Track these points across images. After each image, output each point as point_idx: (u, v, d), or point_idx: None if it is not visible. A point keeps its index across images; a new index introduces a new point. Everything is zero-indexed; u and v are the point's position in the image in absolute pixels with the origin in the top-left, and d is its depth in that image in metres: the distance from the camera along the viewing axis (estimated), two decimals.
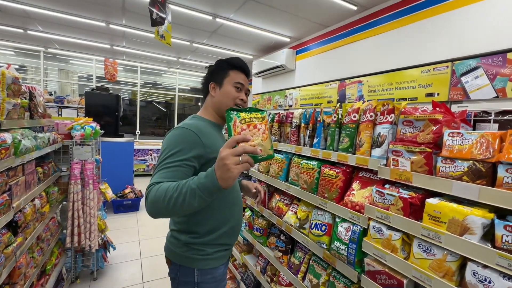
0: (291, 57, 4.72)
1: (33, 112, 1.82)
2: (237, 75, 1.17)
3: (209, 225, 1.07)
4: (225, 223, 1.09)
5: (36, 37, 5.39)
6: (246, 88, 1.19)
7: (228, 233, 1.11)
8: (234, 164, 0.69)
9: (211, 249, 1.07)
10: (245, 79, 1.19)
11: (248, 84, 1.21)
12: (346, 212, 1.17)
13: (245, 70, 1.20)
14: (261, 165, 1.93)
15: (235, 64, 1.19)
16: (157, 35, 2.90)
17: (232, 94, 1.13)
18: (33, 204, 1.70)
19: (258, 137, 0.76)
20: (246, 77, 1.20)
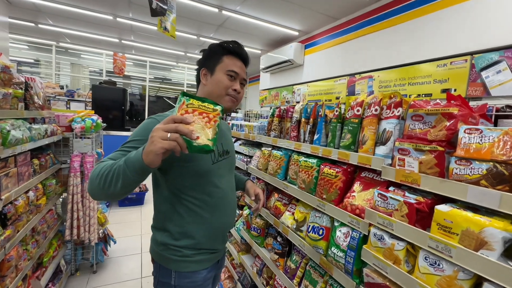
0: (299, 51, 4.57)
1: (28, 103, 1.79)
2: (232, 61, 1.03)
3: (185, 227, 0.97)
4: (205, 226, 0.99)
5: (47, 31, 5.47)
6: (242, 77, 1.06)
7: (211, 238, 1.01)
8: (159, 138, 0.64)
9: (190, 251, 0.98)
10: (242, 66, 1.06)
11: (246, 73, 1.08)
12: (345, 215, 1.06)
13: (241, 56, 1.07)
14: (259, 162, 1.83)
15: (230, 49, 1.04)
16: (160, 27, 2.84)
17: (224, 83, 1.00)
18: (27, 196, 1.67)
19: (199, 124, 0.69)
20: (243, 64, 1.08)
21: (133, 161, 0.70)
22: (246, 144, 2.25)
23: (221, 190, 1.03)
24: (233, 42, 1.07)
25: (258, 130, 2.01)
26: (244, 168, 2.08)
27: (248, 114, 3.01)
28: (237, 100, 1.07)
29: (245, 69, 1.08)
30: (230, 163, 1.13)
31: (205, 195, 0.99)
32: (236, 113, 3.03)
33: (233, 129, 2.51)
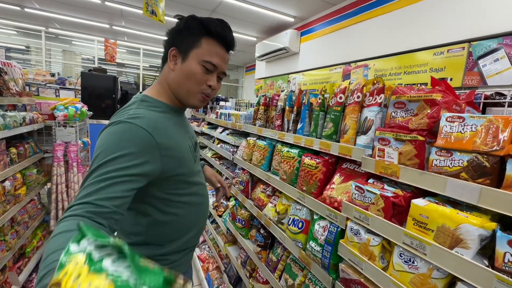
0: (295, 39, 4.44)
1: (2, 89, 1.70)
2: (212, 48, 0.80)
3: (173, 234, 0.87)
4: (191, 228, 0.91)
5: (35, 15, 5.27)
6: (222, 70, 0.84)
7: (195, 236, 0.94)
8: None
9: (177, 256, 0.90)
10: (224, 55, 0.83)
11: (227, 63, 0.86)
12: (324, 208, 1.01)
13: (226, 41, 0.82)
14: (244, 153, 1.77)
15: (212, 30, 0.79)
16: (145, 10, 2.71)
17: (197, 76, 0.79)
18: (2, 186, 1.62)
19: None
20: (226, 52, 0.84)
21: None
22: (233, 134, 2.18)
23: (201, 186, 0.94)
24: (218, 20, 0.83)
25: (244, 119, 1.94)
26: (230, 158, 2.02)
27: (239, 103, 2.93)
28: (209, 97, 0.86)
29: (227, 58, 0.85)
30: (200, 155, 1.05)
31: (190, 196, 0.88)
32: (226, 101, 2.95)
33: (221, 118, 2.44)
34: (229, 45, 0.85)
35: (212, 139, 2.66)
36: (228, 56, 0.86)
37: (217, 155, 2.59)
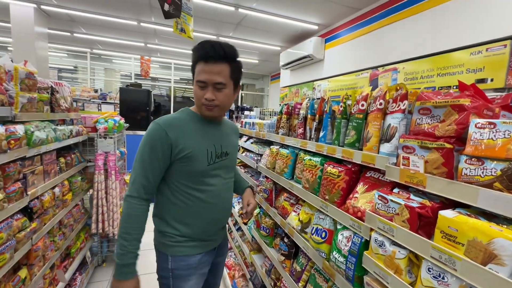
0: (319, 46, 4.42)
1: (54, 106, 1.94)
2: (201, 68, 0.98)
3: (178, 217, 1.07)
4: (196, 220, 1.08)
5: (82, 39, 5.91)
6: (213, 83, 0.97)
7: (201, 230, 1.10)
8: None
9: (182, 238, 1.07)
10: (211, 70, 0.96)
11: (219, 73, 0.97)
12: (347, 218, 0.99)
13: (207, 56, 0.96)
14: (268, 161, 1.79)
15: (198, 55, 0.98)
16: (175, 29, 2.91)
17: (197, 94, 1.02)
18: (53, 192, 1.81)
19: None
20: (214, 64, 0.96)
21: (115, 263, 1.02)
22: (257, 143, 2.22)
23: (214, 188, 1.09)
24: (201, 43, 0.99)
25: (268, 128, 1.97)
26: (254, 167, 2.05)
27: (263, 112, 2.98)
28: (214, 106, 1.02)
29: (216, 69, 0.96)
30: (228, 164, 1.17)
31: (198, 192, 1.06)
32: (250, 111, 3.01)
33: (245, 127, 2.50)
34: (213, 57, 0.96)
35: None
36: (220, 65, 0.98)
37: (242, 163, 2.64)
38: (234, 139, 1.26)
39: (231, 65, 1.01)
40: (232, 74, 1.02)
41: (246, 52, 6.29)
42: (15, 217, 1.40)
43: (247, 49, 5.99)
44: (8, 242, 1.30)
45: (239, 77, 1.09)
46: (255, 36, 5.10)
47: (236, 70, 1.05)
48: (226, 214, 1.19)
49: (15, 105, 1.44)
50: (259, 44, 5.55)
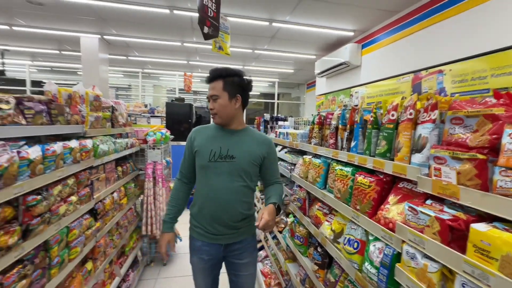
0: (355, 52, 4.32)
1: (114, 122, 2.26)
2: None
3: (194, 202, 1.41)
4: (201, 209, 1.36)
5: (135, 61, 6.69)
6: (209, 95, 1.34)
7: (202, 219, 1.36)
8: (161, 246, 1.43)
9: (193, 222, 1.41)
10: (210, 88, 1.33)
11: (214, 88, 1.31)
12: (378, 229, 0.98)
13: (207, 80, 1.36)
14: (301, 170, 1.83)
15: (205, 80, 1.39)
16: (214, 47, 3.16)
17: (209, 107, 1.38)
18: (112, 197, 2.10)
19: None
20: (211, 83, 1.33)
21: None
22: (291, 152, 2.27)
23: (216, 187, 1.31)
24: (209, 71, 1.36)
25: (301, 137, 2.01)
26: (288, 176, 2.10)
27: (297, 122, 3.01)
28: (214, 114, 1.34)
29: (212, 86, 1.32)
30: (233, 168, 1.33)
31: (204, 186, 1.35)
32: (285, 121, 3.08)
33: (279, 137, 2.57)
34: (210, 78, 1.34)
35: None
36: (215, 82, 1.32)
37: None
38: (252, 148, 1.36)
39: (224, 80, 1.30)
40: (225, 87, 1.31)
41: (281, 62, 6.42)
42: (84, 217, 1.67)
43: (282, 59, 6.12)
44: (79, 238, 1.56)
45: (236, 90, 1.33)
46: (289, 46, 5.20)
47: (230, 84, 1.31)
48: (228, 215, 1.32)
49: (85, 123, 1.74)
50: (293, 54, 5.63)
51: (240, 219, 1.35)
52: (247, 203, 1.39)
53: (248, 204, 1.40)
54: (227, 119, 1.35)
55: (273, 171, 1.46)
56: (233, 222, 1.35)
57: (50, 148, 1.26)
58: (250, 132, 1.43)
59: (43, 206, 1.19)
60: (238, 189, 1.33)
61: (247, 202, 1.39)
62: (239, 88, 1.34)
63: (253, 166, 1.36)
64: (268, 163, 1.42)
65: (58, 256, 1.35)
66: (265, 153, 1.39)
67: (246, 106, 1.41)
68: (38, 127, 1.25)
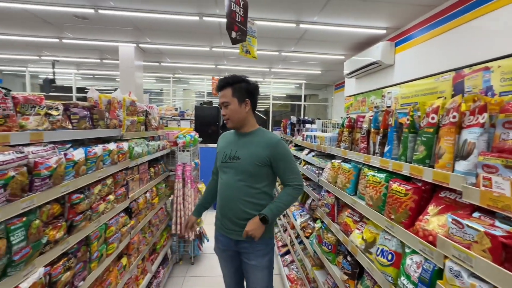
0: (388, 50, 4.11)
1: (147, 125, 2.39)
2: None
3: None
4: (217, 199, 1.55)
5: (167, 67, 7.03)
6: (221, 102, 1.44)
7: (218, 209, 1.53)
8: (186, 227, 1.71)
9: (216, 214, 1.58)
10: (220, 96, 1.44)
11: (224, 95, 1.41)
12: (416, 242, 0.91)
13: (217, 89, 1.46)
14: (329, 175, 1.77)
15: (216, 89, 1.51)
16: (241, 51, 3.20)
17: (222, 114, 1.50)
18: (145, 196, 2.21)
19: None
20: (220, 91, 1.44)
21: None
22: (318, 156, 2.21)
23: (223, 182, 1.48)
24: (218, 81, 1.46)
25: (329, 141, 1.95)
26: (315, 180, 2.04)
27: (325, 125, 2.93)
28: (227, 119, 1.45)
29: (222, 94, 1.43)
30: (237, 167, 1.42)
31: (218, 182, 1.53)
32: (312, 124, 3.01)
33: (306, 140, 2.52)
34: (219, 87, 1.44)
35: (298, 160, 2.76)
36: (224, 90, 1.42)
37: (303, 176, 2.65)
38: (257, 150, 1.42)
39: (232, 87, 1.40)
40: (234, 93, 1.40)
41: (308, 63, 6.32)
42: (120, 215, 1.78)
43: (309, 60, 6.02)
44: (116, 235, 1.66)
45: (244, 95, 1.42)
46: (316, 47, 5.10)
47: (238, 90, 1.41)
48: (232, 212, 1.44)
49: (122, 127, 1.86)
50: (321, 55, 5.51)
51: (244, 217, 1.42)
52: (252, 204, 1.43)
53: (254, 205, 1.43)
54: (239, 123, 1.45)
55: (284, 171, 1.44)
56: (238, 220, 1.44)
57: (92, 150, 1.36)
58: (260, 133, 1.49)
59: (85, 204, 1.29)
60: (241, 188, 1.42)
61: (252, 203, 1.43)
62: (247, 93, 1.44)
63: (258, 167, 1.40)
64: (276, 163, 1.42)
65: (97, 251, 1.45)
66: (270, 153, 1.41)
67: (255, 108, 1.53)
68: (83, 131, 1.36)
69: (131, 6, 3.51)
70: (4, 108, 0.94)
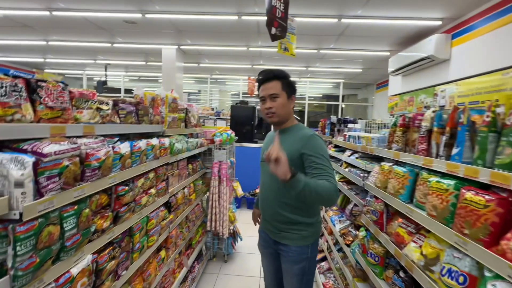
0: (443, 44, 3.70)
1: (187, 123, 2.44)
2: (260, 89, 1.38)
3: None
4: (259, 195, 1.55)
5: (205, 68, 7.26)
6: (267, 95, 1.33)
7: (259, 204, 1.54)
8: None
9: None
10: (265, 87, 1.34)
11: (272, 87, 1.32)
12: (504, 265, 0.74)
13: (260, 81, 1.37)
14: (378, 179, 1.60)
15: (258, 81, 1.41)
16: (280, 48, 3.13)
17: (261, 109, 1.39)
18: (183, 192, 2.26)
19: None
20: (266, 83, 1.34)
21: None
22: (363, 158, 2.03)
23: (262, 185, 1.48)
24: (260, 73, 1.38)
25: (377, 142, 1.77)
26: (360, 184, 1.88)
27: (369, 124, 2.71)
28: (272, 113, 1.34)
29: (269, 86, 1.33)
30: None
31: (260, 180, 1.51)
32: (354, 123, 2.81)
33: (349, 140, 2.34)
34: (262, 80, 1.36)
35: (339, 162, 2.59)
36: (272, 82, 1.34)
37: (345, 179, 2.48)
38: (291, 146, 1.28)
39: (281, 81, 1.34)
40: (283, 87, 1.33)
41: (347, 61, 6.01)
42: (160, 208, 1.82)
43: (349, 58, 5.71)
44: (156, 228, 1.70)
45: (291, 91, 1.37)
46: (358, 43, 4.81)
47: (287, 85, 1.35)
48: (270, 213, 1.41)
49: (165, 123, 1.91)
50: (362, 52, 5.19)
51: (281, 220, 1.37)
52: (290, 206, 1.34)
53: (292, 207, 1.34)
54: (284, 117, 1.38)
55: (315, 168, 1.20)
56: (275, 222, 1.40)
57: (136, 144, 1.40)
58: (297, 128, 1.41)
59: (129, 196, 1.33)
60: (278, 189, 1.34)
61: (290, 205, 1.34)
62: (292, 89, 1.40)
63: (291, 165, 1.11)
64: (306, 158, 1.23)
65: (139, 242, 1.49)
66: (301, 147, 1.26)
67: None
68: (130, 126, 1.41)
69: (174, 9, 3.66)
70: (62, 101, 0.99)
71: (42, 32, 4.83)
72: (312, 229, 1.39)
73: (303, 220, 1.35)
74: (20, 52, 6.47)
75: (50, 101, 0.94)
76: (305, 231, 1.36)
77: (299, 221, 1.35)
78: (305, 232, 1.35)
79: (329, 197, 1.15)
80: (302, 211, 1.34)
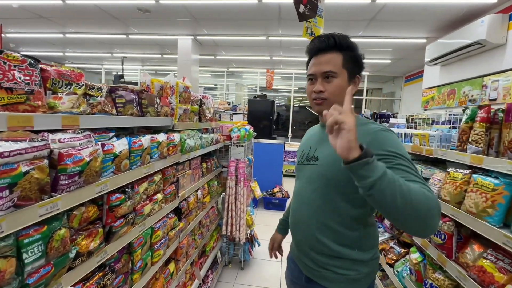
0: (498, 26, 3.15)
1: (201, 116, 2.15)
2: (311, 63, 0.94)
3: None
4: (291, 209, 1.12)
5: (221, 60, 6.97)
6: (321, 72, 0.90)
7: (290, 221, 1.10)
8: None
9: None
10: (319, 61, 0.91)
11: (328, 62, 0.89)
12: None
13: (313, 49, 0.93)
14: (445, 190, 1.23)
15: (308, 52, 0.97)
16: (305, 33, 2.75)
17: (307, 91, 0.97)
18: (196, 195, 1.99)
19: None
20: (322, 55, 0.90)
21: None
22: (413, 160, 1.65)
23: (295, 193, 1.07)
24: (314, 39, 0.95)
25: (439, 141, 1.39)
26: None
27: (412, 120, 2.30)
28: (323, 99, 0.91)
29: (325, 59, 0.90)
30: (312, 173, 0.97)
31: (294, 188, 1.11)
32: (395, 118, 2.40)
33: None
34: (319, 49, 0.91)
35: None
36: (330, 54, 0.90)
37: None
38: None
39: (343, 54, 0.90)
40: (345, 63, 0.90)
41: (376, 51, 5.49)
42: (169, 216, 1.55)
43: (379, 47, 5.19)
44: (163, 240, 1.43)
45: (357, 68, 0.93)
46: (391, 30, 4.31)
47: (351, 60, 0.91)
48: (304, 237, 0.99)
49: (175, 115, 1.63)
50: (395, 39, 4.66)
51: (321, 251, 0.93)
52: (334, 232, 0.91)
53: (336, 234, 0.91)
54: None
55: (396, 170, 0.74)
56: (311, 251, 0.96)
57: (137, 141, 1.13)
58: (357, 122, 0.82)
59: (127, 206, 1.06)
60: (317, 203, 0.94)
61: (334, 230, 0.91)
62: (359, 67, 0.94)
63: (343, 172, 0.72)
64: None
65: (141, 259, 1.23)
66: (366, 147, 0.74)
67: None
68: (127, 118, 1.13)
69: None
70: (27, 82, 0.72)
71: (58, 23, 4.74)
72: (366, 269, 0.94)
73: (354, 255, 0.92)
74: (40, 46, 6.51)
75: (7, 80, 0.67)
76: (355, 271, 0.92)
77: (347, 255, 0.92)
78: (355, 273, 0.92)
79: (426, 211, 0.66)
80: (352, 241, 0.92)
